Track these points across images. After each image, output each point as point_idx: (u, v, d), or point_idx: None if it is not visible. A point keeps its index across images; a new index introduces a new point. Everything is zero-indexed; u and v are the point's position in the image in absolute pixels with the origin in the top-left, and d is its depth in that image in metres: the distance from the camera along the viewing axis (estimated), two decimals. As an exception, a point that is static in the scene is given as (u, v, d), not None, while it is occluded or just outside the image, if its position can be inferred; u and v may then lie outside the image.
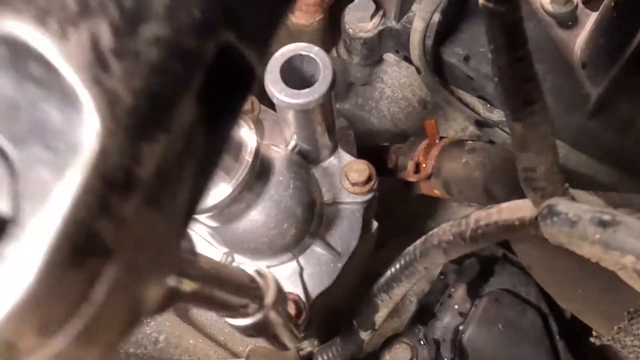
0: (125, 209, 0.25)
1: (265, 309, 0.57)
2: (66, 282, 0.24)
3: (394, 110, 1.33)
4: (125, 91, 0.24)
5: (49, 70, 0.23)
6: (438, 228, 0.67)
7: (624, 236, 0.49)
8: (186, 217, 0.31)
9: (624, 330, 0.73)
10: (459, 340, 0.91)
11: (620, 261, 0.50)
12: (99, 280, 0.25)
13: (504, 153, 0.96)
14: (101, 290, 0.25)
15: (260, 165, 0.71)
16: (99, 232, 0.24)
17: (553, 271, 0.79)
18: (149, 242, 0.28)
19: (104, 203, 0.24)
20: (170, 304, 0.42)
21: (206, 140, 0.30)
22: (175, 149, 0.27)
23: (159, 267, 0.30)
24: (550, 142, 0.55)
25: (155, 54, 0.25)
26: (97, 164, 0.24)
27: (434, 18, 1.13)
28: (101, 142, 0.24)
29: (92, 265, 0.25)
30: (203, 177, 0.31)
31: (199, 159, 0.30)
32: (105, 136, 0.24)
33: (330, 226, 0.87)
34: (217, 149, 0.31)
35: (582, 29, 1.08)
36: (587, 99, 1.05)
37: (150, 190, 0.26)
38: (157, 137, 0.26)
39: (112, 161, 0.24)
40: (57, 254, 0.23)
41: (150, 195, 0.26)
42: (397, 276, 0.73)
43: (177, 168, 0.28)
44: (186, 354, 1.18)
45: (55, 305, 0.24)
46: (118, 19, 0.24)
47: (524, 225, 0.58)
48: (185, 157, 0.28)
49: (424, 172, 1.01)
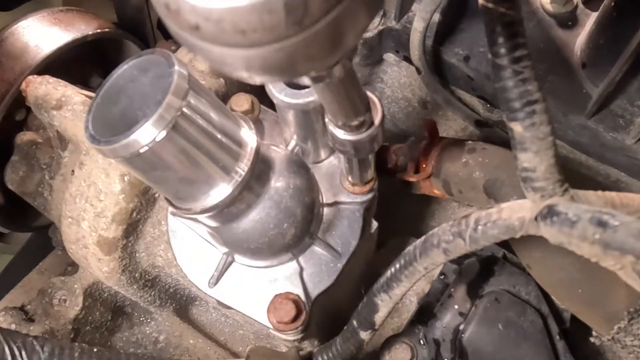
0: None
1: (374, 127, 0.67)
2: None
3: (394, 110, 1.33)
4: None
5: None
6: (438, 228, 0.67)
7: (624, 236, 0.49)
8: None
9: (624, 330, 0.73)
10: (459, 340, 0.91)
11: (620, 261, 0.50)
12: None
13: (504, 153, 0.96)
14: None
15: (260, 165, 0.71)
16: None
17: (553, 271, 0.79)
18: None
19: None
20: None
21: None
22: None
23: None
24: (550, 142, 0.55)
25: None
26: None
27: (434, 18, 1.13)
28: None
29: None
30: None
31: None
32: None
33: (330, 226, 0.87)
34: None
35: (582, 29, 1.08)
36: (587, 99, 1.05)
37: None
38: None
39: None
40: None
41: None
42: (397, 276, 0.73)
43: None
44: (186, 354, 1.18)
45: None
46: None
47: (524, 225, 0.58)
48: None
49: (424, 172, 1.01)
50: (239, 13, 0.32)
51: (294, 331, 0.82)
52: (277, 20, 0.32)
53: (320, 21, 0.33)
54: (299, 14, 0.32)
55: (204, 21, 0.33)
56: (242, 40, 0.33)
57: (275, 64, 0.36)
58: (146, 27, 1.30)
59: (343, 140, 0.68)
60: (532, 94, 0.52)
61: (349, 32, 0.37)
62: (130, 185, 0.91)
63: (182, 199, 0.70)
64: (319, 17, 0.33)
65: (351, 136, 0.67)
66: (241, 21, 0.32)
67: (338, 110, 0.64)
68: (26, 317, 1.03)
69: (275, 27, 0.33)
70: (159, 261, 1.01)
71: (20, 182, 1.13)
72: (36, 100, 1.02)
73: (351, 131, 0.67)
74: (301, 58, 0.36)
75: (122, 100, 0.64)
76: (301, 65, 0.37)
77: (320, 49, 0.36)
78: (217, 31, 0.33)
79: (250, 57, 0.35)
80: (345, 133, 0.67)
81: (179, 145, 0.61)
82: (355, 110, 0.64)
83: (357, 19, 0.37)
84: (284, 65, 0.36)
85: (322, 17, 0.33)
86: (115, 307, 1.14)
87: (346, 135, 0.67)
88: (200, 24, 0.33)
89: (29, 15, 1.16)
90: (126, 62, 0.64)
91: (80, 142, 0.97)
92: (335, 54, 0.38)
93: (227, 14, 0.32)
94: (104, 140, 0.59)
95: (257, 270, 0.86)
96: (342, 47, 0.38)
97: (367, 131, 0.67)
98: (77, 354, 0.65)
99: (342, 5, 0.34)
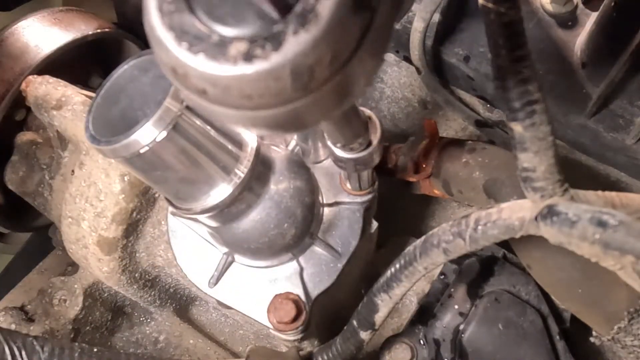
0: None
1: (372, 147, 0.70)
2: (348, 23, 0.32)
3: (394, 110, 1.33)
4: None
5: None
6: (438, 228, 0.67)
7: (624, 236, 0.49)
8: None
9: (624, 330, 0.73)
10: (459, 340, 0.91)
11: (620, 261, 0.50)
12: (368, 31, 0.34)
13: (504, 153, 0.96)
14: (369, 40, 0.34)
15: (260, 166, 0.71)
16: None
17: (553, 271, 0.79)
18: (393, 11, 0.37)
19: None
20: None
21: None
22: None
23: (387, 43, 0.39)
24: (550, 142, 0.55)
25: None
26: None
27: (434, 18, 1.13)
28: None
29: (364, 15, 0.33)
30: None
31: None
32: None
33: (331, 226, 0.87)
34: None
35: (582, 29, 1.08)
36: (587, 99, 1.05)
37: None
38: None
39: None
40: (344, 0, 0.31)
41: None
42: (397, 276, 0.73)
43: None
44: (186, 354, 1.18)
45: (341, 41, 0.33)
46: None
47: (524, 225, 0.58)
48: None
49: (424, 172, 1.01)
50: (246, 80, 0.32)
51: (294, 331, 0.82)
52: (283, 87, 0.33)
53: (327, 84, 0.34)
54: (304, 80, 0.33)
55: (210, 87, 0.33)
56: (248, 104, 0.34)
57: (281, 123, 0.37)
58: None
59: (343, 158, 0.70)
60: (532, 94, 0.52)
61: (356, 86, 0.37)
62: (130, 185, 0.91)
63: (183, 199, 0.70)
64: (325, 81, 0.34)
65: (351, 155, 0.69)
66: (248, 88, 0.33)
67: (338, 136, 0.66)
68: (26, 317, 1.03)
69: (281, 93, 0.33)
70: (159, 261, 1.01)
71: (20, 182, 1.13)
72: (36, 100, 1.02)
73: (351, 151, 0.69)
74: (308, 116, 0.37)
75: (122, 100, 0.64)
76: (308, 121, 0.38)
77: (328, 105, 0.37)
78: (223, 96, 0.34)
79: (257, 118, 0.36)
80: (345, 152, 0.69)
81: (179, 145, 0.61)
82: (355, 133, 0.65)
83: (365, 74, 0.37)
84: (290, 123, 0.37)
85: (329, 80, 0.34)
86: (115, 307, 1.14)
87: (346, 154, 0.69)
88: (207, 89, 0.34)
89: (29, 15, 1.16)
90: (126, 62, 0.64)
91: (80, 142, 0.97)
92: (342, 106, 0.38)
93: (234, 80, 0.32)
94: (104, 140, 0.60)
95: (257, 270, 0.86)
96: (350, 98, 0.38)
97: (366, 150, 0.69)
98: (77, 354, 0.65)
99: (349, 66, 0.34)
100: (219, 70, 0.32)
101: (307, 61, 0.32)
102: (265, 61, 0.32)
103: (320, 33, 0.31)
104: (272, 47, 0.32)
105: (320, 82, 0.33)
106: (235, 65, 0.32)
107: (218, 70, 0.32)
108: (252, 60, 0.32)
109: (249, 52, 0.32)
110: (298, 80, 0.32)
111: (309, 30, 0.31)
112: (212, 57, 0.32)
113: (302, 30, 0.31)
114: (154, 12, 0.34)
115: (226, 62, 0.32)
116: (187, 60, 0.33)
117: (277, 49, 0.31)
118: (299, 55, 0.32)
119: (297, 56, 0.32)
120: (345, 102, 0.38)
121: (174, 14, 0.33)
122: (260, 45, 0.32)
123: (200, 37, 0.33)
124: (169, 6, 0.33)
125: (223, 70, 0.32)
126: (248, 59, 0.32)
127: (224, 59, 0.32)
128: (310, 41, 0.31)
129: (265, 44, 0.32)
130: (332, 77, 0.34)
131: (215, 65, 0.32)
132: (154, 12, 0.34)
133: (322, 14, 0.31)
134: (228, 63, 0.32)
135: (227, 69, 0.32)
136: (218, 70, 0.32)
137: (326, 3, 0.31)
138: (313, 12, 0.31)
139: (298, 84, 0.33)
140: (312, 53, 0.32)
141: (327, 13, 0.31)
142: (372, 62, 0.37)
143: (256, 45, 0.32)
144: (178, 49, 0.33)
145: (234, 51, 0.32)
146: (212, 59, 0.32)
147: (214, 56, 0.32)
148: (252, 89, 0.33)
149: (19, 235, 1.38)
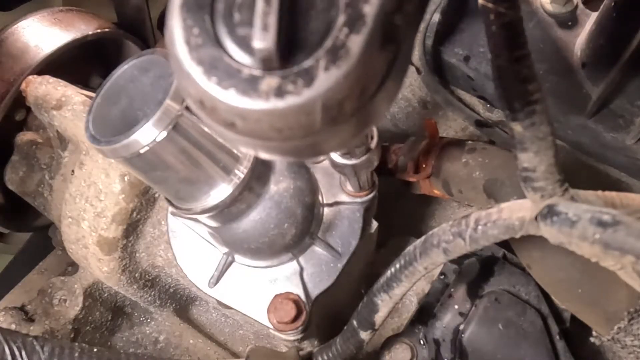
0: (410, 6, 0.34)
1: (370, 153, 0.72)
2: (377, 58, 0.33)
3: (394, 110, 1.33)
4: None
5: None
6: (438, 228, 0.67)
7: (624, 236, 0.49)
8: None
9: (624, 330, 0.73)
10: (459, 340, 0.91)
11: (620, 261, 0.50)
12: (394, 63, 0.35)
13: (504, 153, 0.96)
14: (395, 70, 0.35)
15: (260, 166, 0.71)
16: (395, 25, 0.34)
17: (553, 271, 0.79)
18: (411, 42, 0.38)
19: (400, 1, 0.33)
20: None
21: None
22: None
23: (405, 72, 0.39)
24: (550, 142, 0.55)
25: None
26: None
27: (434, 18, 1.13)
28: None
29: (392, 48, 0.34)
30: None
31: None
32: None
33: (331, 226, 0.87)
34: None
35: (582, 29, 1.08)
36: (587, 99, 1.05)
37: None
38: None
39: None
40: (373, 36, 0.32)
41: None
42: (397, 276, 0.73)
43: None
44: (186, 354, 1.18)
45: (370, 75, 0.34)
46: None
47: (524, 225, 0.58)
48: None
49: (424, 172, 1.01)
50: (277, 115, 0.32)
51: (294, 331, 0.82)
52: (313, 120, 0.33)
53: (354, 116, 0.34)
54: (334, 114, 0.33)
55: (240, 120, 0.33)
56: (277, 136, 0.34)
57: (304, 152, 0.37)
58: (146, 27, 1.30)
59: (342, 164, 0.72)
60: (532, 94, 0.52)
61: (380, 115, 0.38)
62: (130, 185, 0.91)
63: (183, 199, 0.70)
64: (353, 114, 0.34)
65: (349, 161, 0.72)
66: (279, 122, 0.33)
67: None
68: (26, 317, 1.03)
69: (310, 126, 0.33)
70: (159, 261, 1.01)
71: (20, 182, 1.13)
72: (36, 100, 1.02)
73: (350, 157, 0.71)
74: (329, 145, 0.38)
75: (122, 100, 0.64)
76: (328, 149, 0.39)
77: (349, 134, 0.37)
78: (253, 129, 0.34)
79: (282, 147, 0.36)
80: (343, 159, 0.72)
81: (179, 145, 0.61)
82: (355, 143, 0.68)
83: (389, 101, 0.38)
84: (310, 152, 0.38)
85: (356, 113, 0.34)
86: (115, 307, 1.14)
87: (345, 161, 0.72)
88: (236, 123, 0.34)
89: (29, 15, 1.16)
90: (126, 62, 0.64)
91: (80, 142, 0.97)
92: (362, 133, 0.40)
93: (265, 115, 0.33)
94: (105, 140, 0.60)
95: (257, 270, 0.86)
96: (371, 126, 0.40)
97: (364, 156, 0.71)
98: (77, 354, 0.65)
99: (377, 98, 0.35)
100: (251, 105, 0.32)
101: (337, 96, 0.32)
102: (298, 97, 0.32)
103: (351, 69, 0.32)
104: (303, 83, 0.32)
105: (348, 115, 0.34)
106: (267, 101, 0.32)
107: (249, 105, 0.32)
108: (284, 96, 0.32)
109: (281, 88, 0.32)
110: (328, 114, 0.33)
111: (340, 66, 0.32)
112: (243, 93, 0.32)
113: (333, 66, 0.32)
114: (181, 45, 0.33)
115: (258, 98, 0.32)
116: (218, 95, 0.33)
117: (309, 85, 0.32)
118: (330, 90, 0.32)
119: (328, 91, 0.32)
120: (365, 130, 0.39)
121: (201, 47, 0.33)
122: (292, 80, 0.32)
123: (230, 72, 0.33)
124: (196, 39, 0.33)
125: (255, 105, 0.32)
126: (280, 95, 0.32)
127: (255, 95, 0.32)
128: (341, 77, 0.32)
129: (297, 79, 0.32)
130: (359, 109, 0.34)
131: (247, 100, 0.32)
132: (181, 46, 0.33)
133: (353, 50, 0.31)
134: (260, 99, 0.32)
135: (258, 104, 0.32)
136: (249, 105, 0.32)
137: (356, 39, 0.31)
138: (344, 48, 0.31)
139: (327, 117, 0.33)
140: (343, 88, 0.32)
141: (358, 49, 0.31)
142: (396, 89, 0.38)
143: (288, 80, 0.32)
144: (208, 84, 0.33)
145: (266, 87, 0.32)
146: (244, 94, 0.32)
147: (245, 91, 0.32)
148: (283, 123, 0.33)
149: (19, 235, 1.38)
